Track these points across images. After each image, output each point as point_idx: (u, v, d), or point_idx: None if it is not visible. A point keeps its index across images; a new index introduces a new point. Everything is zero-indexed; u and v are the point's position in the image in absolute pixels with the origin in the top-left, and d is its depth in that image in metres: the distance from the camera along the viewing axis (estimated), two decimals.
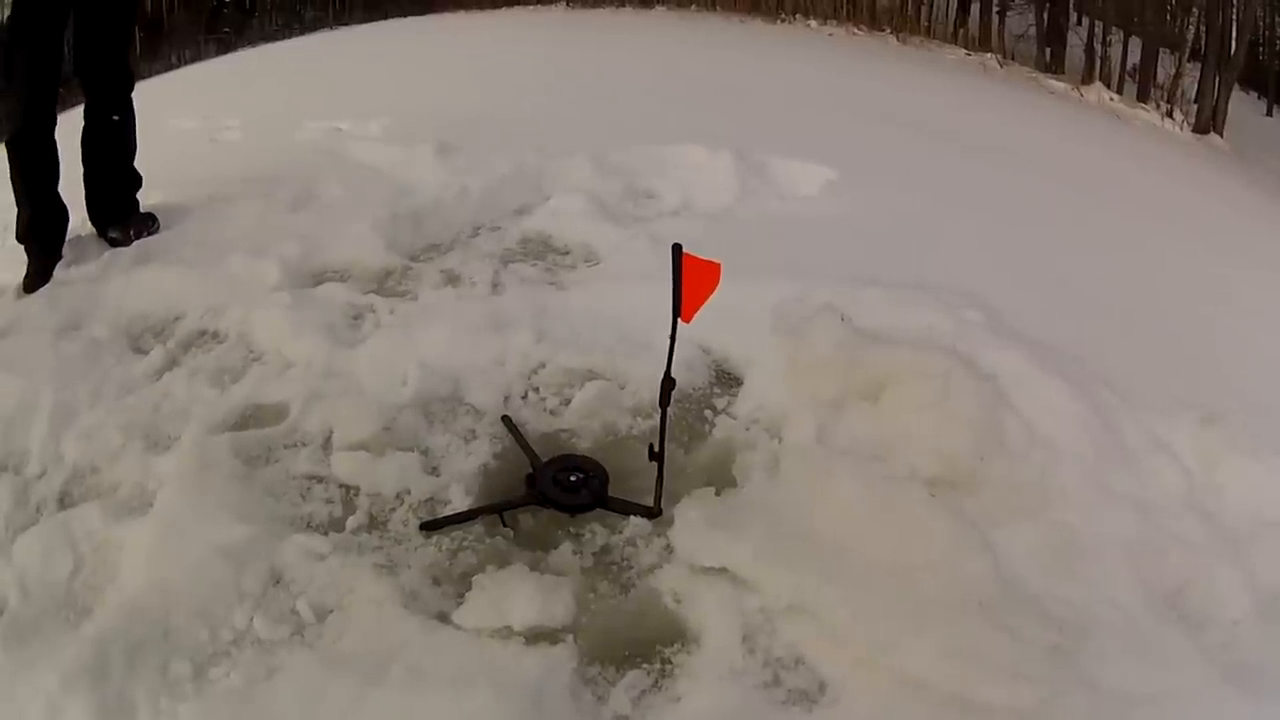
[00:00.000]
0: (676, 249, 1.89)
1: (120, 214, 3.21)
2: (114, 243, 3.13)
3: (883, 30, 9.87)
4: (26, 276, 2.94)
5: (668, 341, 2.00)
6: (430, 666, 1.76)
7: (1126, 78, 9.93)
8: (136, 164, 3.26)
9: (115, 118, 3.16)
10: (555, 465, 2.22)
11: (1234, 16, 9.46)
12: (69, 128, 3.07)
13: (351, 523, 2.10)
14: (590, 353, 2.60)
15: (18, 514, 2.13)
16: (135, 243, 3.11)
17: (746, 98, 5.34)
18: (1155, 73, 9.64)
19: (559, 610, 1.89)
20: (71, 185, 3.08)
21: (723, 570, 1.96)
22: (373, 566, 1.97)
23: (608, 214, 3.41)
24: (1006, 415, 2.30)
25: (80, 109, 3.15)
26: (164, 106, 4.66)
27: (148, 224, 3.22)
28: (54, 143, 2.96)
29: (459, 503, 2.15)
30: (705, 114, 4.68)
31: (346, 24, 10.36)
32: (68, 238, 3.07)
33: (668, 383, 2.06)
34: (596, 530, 2.12)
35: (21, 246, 2.99)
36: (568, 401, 2.46)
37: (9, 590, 1.95)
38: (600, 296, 2.85)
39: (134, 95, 3.22)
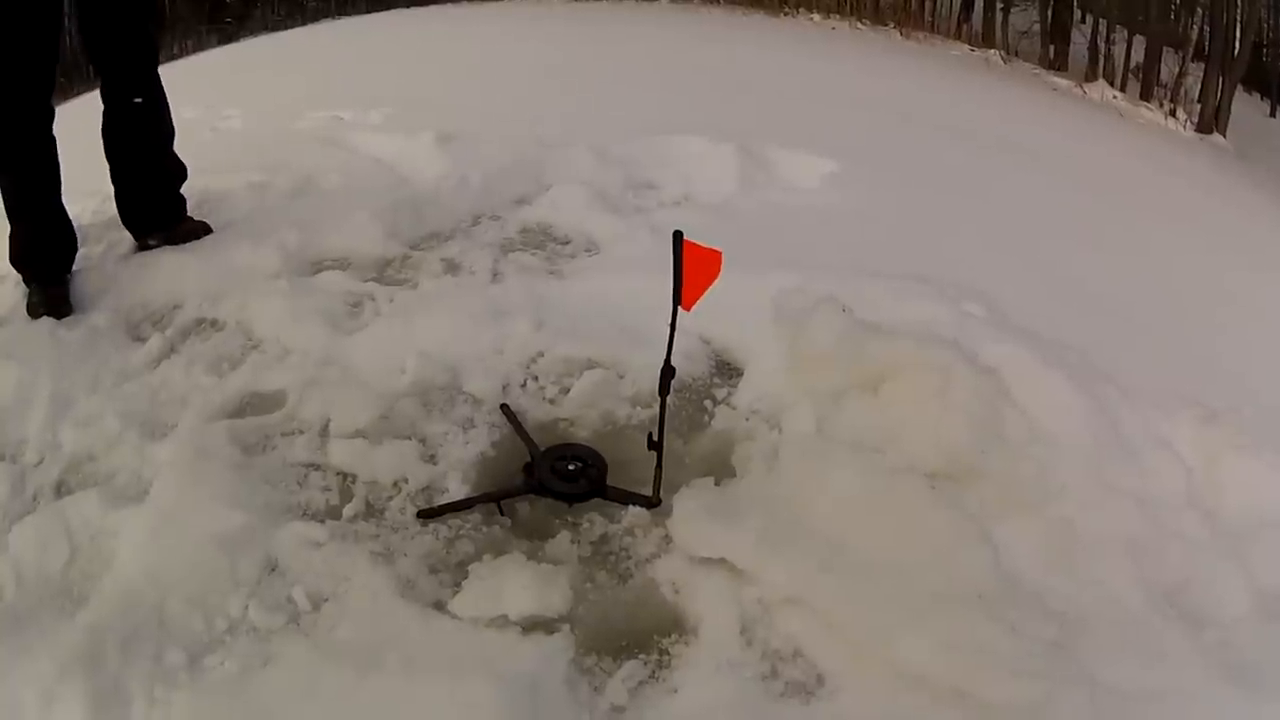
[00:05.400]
0: (678, 236, 1.87)
1: (162, 217, 2.82)
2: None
3: (886, 25, 9.88)
4: (30, 306, 2.60)
5: (667, 331, 1.98)
6: (426, 655, 1.75)
7: (1130, 76, 9.92)
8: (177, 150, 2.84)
9: (138, 100, 2.71)
10: (554, 454, 2.21)
11: (1238, 17, 9.46)
12: (79, 122, 2.82)
13: (348, 511, 2.09)
14: (589, 342, 2.59)
15: (15, 502, 2.12)
16: None
17: (749, 90, 5.32)
18: (1159, 71, 9.64)
19: (556, 600, 1.88)
20: (79, 181, 2.75)
21: (721, 561, 1.95)
22: (369, 555, 1.96)
23: (608, 204, 3.39)
24: (1007, 409, 2.29)
25: (80, 100, 2.97)
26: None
27: (196, 234, 2.86)
28: (50, 139, 2.56)
29: (456, 491, 2.14)
30: (707, 106, 4.66)
31: (349, 14, 10.34)
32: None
33: (667, 372, 2.05)
34: (594, 520, 2.11)
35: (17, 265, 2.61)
36: (566, 390, 2.45)
37: (5, 579, 1.94)
38: (600, 286, 2.84)
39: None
